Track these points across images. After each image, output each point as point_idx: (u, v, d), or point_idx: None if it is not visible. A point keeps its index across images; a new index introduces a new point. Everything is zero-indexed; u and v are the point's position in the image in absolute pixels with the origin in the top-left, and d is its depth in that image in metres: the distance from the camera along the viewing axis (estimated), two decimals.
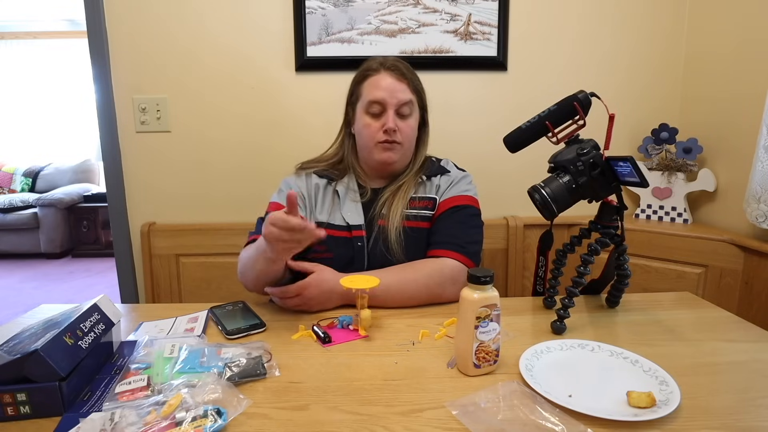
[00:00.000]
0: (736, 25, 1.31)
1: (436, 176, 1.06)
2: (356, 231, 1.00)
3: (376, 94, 0.98)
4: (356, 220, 1.00)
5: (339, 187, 1.05)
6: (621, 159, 0.74)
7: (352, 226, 1.00)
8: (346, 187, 1.05)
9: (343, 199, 1.03)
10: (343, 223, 1.00)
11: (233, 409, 0.54)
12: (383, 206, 1.00)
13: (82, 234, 3.99)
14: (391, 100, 0.98)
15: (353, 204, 1.02)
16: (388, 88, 0.98)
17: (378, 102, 0.98)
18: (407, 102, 0.99)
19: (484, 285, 0.64)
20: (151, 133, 1.44)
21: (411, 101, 1.00)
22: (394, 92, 0.98)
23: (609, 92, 1.03)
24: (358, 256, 0.99)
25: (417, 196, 1.03)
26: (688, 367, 0.67)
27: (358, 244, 0.99)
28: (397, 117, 0.99)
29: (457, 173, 1.08)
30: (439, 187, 1.05)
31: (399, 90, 0.99)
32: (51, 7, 4.06)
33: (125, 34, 1.39)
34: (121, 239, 1.47)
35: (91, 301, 0.69)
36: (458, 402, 0.58)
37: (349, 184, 1.05)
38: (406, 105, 0.99)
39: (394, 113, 0.98)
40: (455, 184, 1.05)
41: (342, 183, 1.05)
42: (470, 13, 1.42)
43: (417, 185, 1.04)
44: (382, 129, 0.98)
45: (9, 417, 0.55)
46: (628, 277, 0.87)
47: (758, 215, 1.14)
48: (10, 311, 2.85)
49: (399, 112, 0.99)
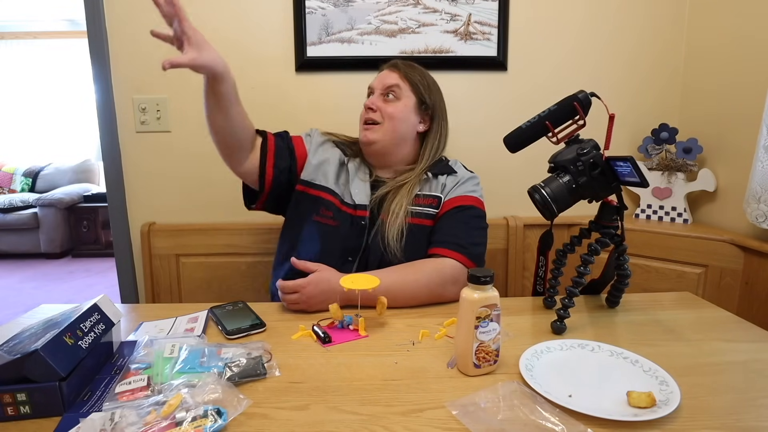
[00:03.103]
0: (737, 24, 1.31)
1: (443, 175, 1.06)
2: (360, 210, 1.03)
3: (372, 82, 1.09)
4: (362, 200, 1.03)
5: (351, 164, 1.09)
6: (621, 159, 0.74)
7: (358, 204, 1.03)
8: (356, 167, 1.09)
9: (352, 177, 1.06)
10: (350, 200, 1.04)
11: (233, 409, 0.54)
12: (385, 200, 1.02)
13: (82, 234, 3.99)
14: (378, 85, 1.07)
15: (362, 183, 1.06)
16: (379, 77, 1.09)
17: (370, 86, 1.09)
18: (392, 85, 1.06)
19: (484, 285, 0.64)
20: (151, 133, 1.44)
21: (397, 85, 1.06)
22: (385, 77, 1.07)
23: (609, 92, 1.03)
24: (358, 234, 1.01)
25: (422, 193, 1.04)
26: (688, 367, 0.68)
27: (362, 223, 1.02)
28: (381, 100, 1.06)
29: (464, 173, 1.09)
30: (444, 186, 1.05)
31: (389, 76, 1.07)
32: (51, 7, 4.06)
33: (125, 34, 1.39)
34: (121, 239, 1.47)
35: (91, 301, 0.69)
36: (458, 402, 0.58)
37: (360, 165, 1.10)
38: (391, 88, 1.05)
39: (378, 96, 1.06)
40: (461, 184, 1.06)
41: (354, 161, 1.10)
42: (470, 13, 1.42)
43: (422, 182, 1.05)
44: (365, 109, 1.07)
45: (9, 417, 0.55)
46: (628, 277, 0.87)
47: (758, 215, 1.14)
48: (10, 311, 2.85)
49: (384, 96, 1.06)
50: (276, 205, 1.11)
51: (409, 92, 1.06)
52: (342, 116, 1.19)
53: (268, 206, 1.11)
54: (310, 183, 1.06)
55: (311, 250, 1.02)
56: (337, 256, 1.00)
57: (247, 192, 1.10)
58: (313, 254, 1.01)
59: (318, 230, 1.02)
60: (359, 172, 1.08)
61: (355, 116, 1.16)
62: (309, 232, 1.03)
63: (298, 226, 1.05)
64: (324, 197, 1.04)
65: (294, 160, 1.07)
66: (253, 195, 1.09)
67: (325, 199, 1.04)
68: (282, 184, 1.06)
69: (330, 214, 1.03)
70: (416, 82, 1.07)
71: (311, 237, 1.03)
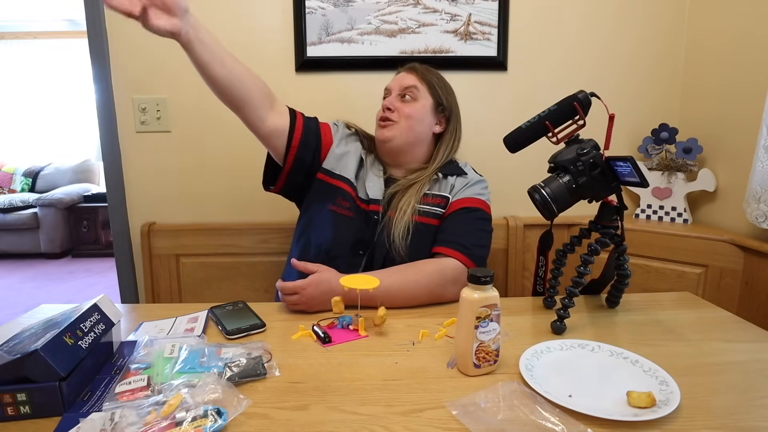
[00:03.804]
0: (737, 24, 1.31)
1: (453, 176, 1.07)
2: (374, 205, 1.03)
3: (389, 83, 1.11)
4: (376, 194, 1.04)
5: (368, 159, 1.11)
6: (621, 159, 0.74)
7: (371, 199, 1.04)
8: (372, 162, 1.11)
9: (367, 171, 1.08)
10: (364, 195, 1.05)
11: (233, 409, 0.54)
12: (393, 196, 1.03)
13: (82, 234, 3.99)
14: (395, 86, 1.09)
15: (376, 179, 1.07)
16: (397, 79, 1.11)
17: (387, 88, 1.11)
18: (410, 86, 1.07)
19: (484, 285, 0.64)
20: (151, 133, 1.44)
21: (414, 87, 1.07)
22: (402, 79, 1.09)
23: (609, 92, 1.03)
24: (371, 229, 1.02)
25: (431, 192, 1.04)
26: (688, 367, 0.68)
27: (374, 218, 1.02)
28: (398, 100, 1.07)
29: (474, 176, 1.10)
30: (453, 186, 1.06)
31: (407, 78, 1.09)
32: (51, 7, 4.06)
33: (125, 34, 1.38)
34: (121, 239, 1.47)
35: (91, 301, 0.69)
36: (458, 402, 0.58)
37: (375, 161, 1.12)
38: (408, 89, 1.07)
39: (395, 96, 1.08)
40: (470, 186, 1.06)
41: (370, 157, 1.12)
42: (470, 13, 1.42)
43: (432, 182, 1.06)
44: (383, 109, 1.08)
45: (9, 417, 0.55)
46: (628, 277, 0.87)
47: (758, 215, 1.14)
48: (10, 311, 2.85)
49: (401, 97, 1.07)
50: (294, 189, 1.10)
51: (427, 94, 1.08)
52: (342, 116, 1.19)
53: (287, 187, 1.09)
54: (331, 172, 1.06)
55: (323, 237, 1.02)
56: (348, 248, 1.01)
57: (268, 173, 1.10)
58: (324, 242, 1.02)
59: (332, 219, 1.02)
60: (374, 168, 1.09)
61: (355, 116, 1.17)
62: (322, 220, 1.03)
63: (311, 213, 1.06)
64: (343, 188, 1.04)
65: (319, 142, 1.07)
66: (273, 176, 1.08)
67: (343, 189, 1.04)
68: (305, 163, 1.05)
69: (347, 205, 1.03)
70: (434, 83, 1.09)
71: (324, 225, 1.03)
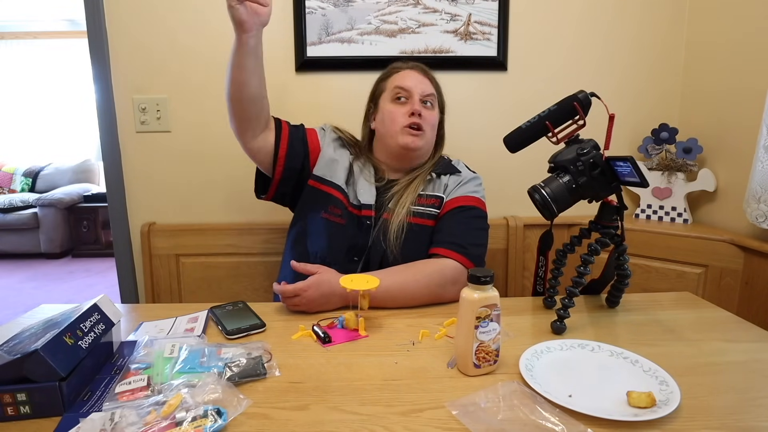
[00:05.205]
0: (737, 25, 1.31)
1: (446, 175, 1.07)
2: (366, 210, 1.02)
3: (404, 83, 1.05)
4: (367, 200, 1.03)
5: (356, 164, 1.09)
6: (621, 159, 0.74)
7: (363, 205, 1.03)
8: (361, 167, 1.09)
9: (357, 177, 1.06)
10: (355, 201, 1.04)
11: (233, 409, 0.54)
12: (391, 199, 1.03)
13: (82, 234, 3.99)
14: (416, 89, 1.04)
15: (367, 184, 1.06)
16: (414, 79, 1.06)
17: (404, 89, 1.04)
18: (431, 94, 1.06)
19: (484, 285, 0.64)
20: (151, 133, 1.44)
21: (434, 95, 1.07)
22: (420, 83, 1.05)
23: (609, 92, 1.03)
24: (364, 234, 1.01)
25: (425, 193, 1.04)
26: (688, 367, 0.68)
27: (367, 223, 1.02)
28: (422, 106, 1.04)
29: (467, 174, 1.09)
30: (447, 186, 1.06)
31: (424, 82, 1.06)
32: (51, 7, 4.06)
33: (125, 34, 1.38)
34: (121, 239, 1.47)
35: (91, 301, 0.69)
36: (458, 402, 0.58)
37: (365, 165, 1.09)
38: (429, 96, 1.06)
39: (419, 100, 1.03)
40: (463, 184, 1.06)
41: (358, 162, 1.10)
42: (470, 13, 1.42)
43: (426, 182, 1.05)
44: (408, 114, 1.02)
45: (9, 417, 0.55)
46: (628, 277, 0.87)
47: (758, 215, 1.14)
48: (10, 311, 2.85)
49: (423, 102, 1.04)
50: (285, 196, 1.10)
51: (436, 100, 1.09)
52: (342, 116, 1.19)
53: (279, 195, 1.10)
54: (322, 179, 1.06)
55: (318, 245, 1.02)
56: (343, 254, 1.01)
57: (259, 181, 1.10)
58: (320, 250, 1.01)
59: (325, 227, 1.02)
60: (364, 173, 1.08)
61: (355, 116, 1.16)
62: (317, 228, 1.03)
63: (305, 221, 1.06)
64: (334, 194, 1.04)
65: (307, 149, 1.06)
66: (264, 184, 1.09)
67: (334, 196, 1.04)
68: (294, 171, 1.05)
69: (339, 212, 1.02)
70: (440, 91, 1.10)
71: (318, 233, 1.03)
